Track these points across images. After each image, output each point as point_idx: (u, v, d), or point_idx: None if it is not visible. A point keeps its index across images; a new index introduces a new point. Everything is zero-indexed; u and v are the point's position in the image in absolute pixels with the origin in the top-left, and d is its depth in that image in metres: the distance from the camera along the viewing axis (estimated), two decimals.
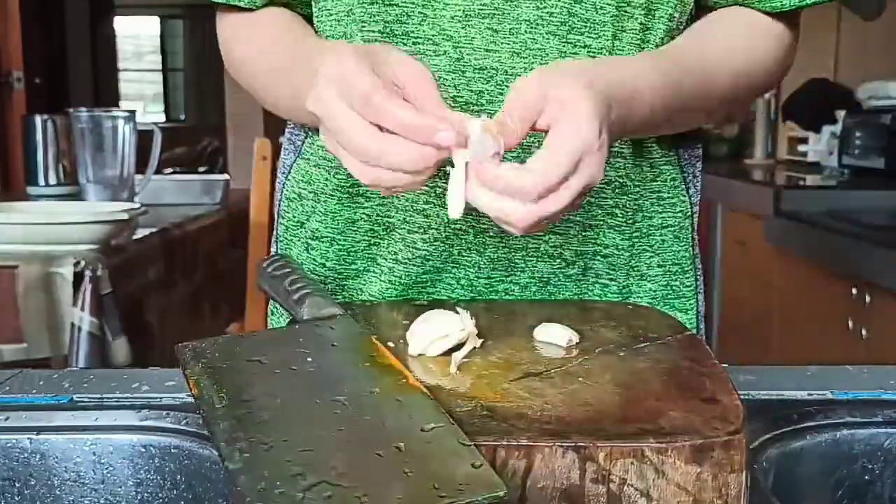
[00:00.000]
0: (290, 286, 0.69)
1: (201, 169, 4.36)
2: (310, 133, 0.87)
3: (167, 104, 8.93)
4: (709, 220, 3.43)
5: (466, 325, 0.62)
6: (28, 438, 0.67)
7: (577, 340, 0.64)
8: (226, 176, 2.77)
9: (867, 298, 2.13)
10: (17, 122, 4.19)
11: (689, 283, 0.87)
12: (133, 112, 2.47)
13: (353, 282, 0.84)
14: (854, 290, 2.18)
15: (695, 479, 0.47)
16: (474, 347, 0.62)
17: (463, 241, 0.79)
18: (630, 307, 0.76)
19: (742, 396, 0.54)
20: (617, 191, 0.81)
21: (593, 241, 0.81)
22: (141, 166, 2.46)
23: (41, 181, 2.61)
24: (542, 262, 0.80)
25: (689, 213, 0.87)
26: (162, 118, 8.56)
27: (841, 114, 3.21)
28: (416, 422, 0.49)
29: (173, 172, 3.30)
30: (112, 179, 2.39)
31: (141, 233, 2.04)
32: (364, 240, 0.82)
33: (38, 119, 2.62)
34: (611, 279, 0.83)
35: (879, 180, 2.83)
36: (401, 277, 0.81)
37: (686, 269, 0.87)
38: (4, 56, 4.56)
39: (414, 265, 0.81)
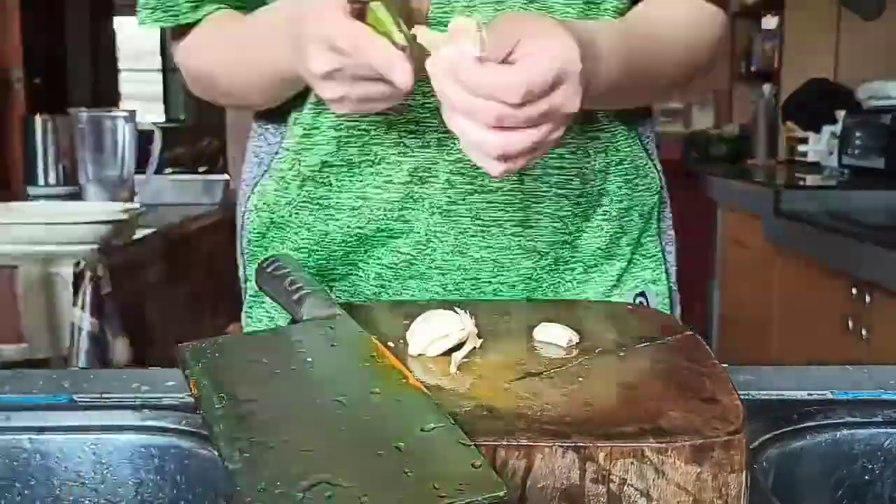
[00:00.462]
0: (290, 286, 0.69)
1: (201, 169, 4.36)
2: (280, 147, 0.85)
3: (167, 104, 8.92)
4: (709, 220, 3.43)
5: (466, 325, 0.62)
6: (28, 438, 0.67)
7: (577, 340, 0.64)
8: (226, 176, 2.78)
9: (867, 298, 2.13)
10: (17, 122, 4.19)
11: (650, 255, 0.89)
12: (133, 112, 2.47)
13: (339, 284, 0.84)
14: (854, 290, 2.18)
15: (695, 479, 0.47)
16: (474, 347, 0.62)
17: (444, 243, 0.80)
18: (630, 307, 0.76)
19: (742, 396, 0.54)
20: (582, 180, 0.82)
21: (562, 231, 0.82)
22: (141, 166, 2.46)
23: (41, 181, 2.61)
24: (524, 258, 0.81)
25: (656, 190, 0.88)
26: (162, 118, 8.55)
27: (841, 114, 3.22)
28: (416, 422, 0.49)
29: (173, 172, 3.29)
30: (112, 179, 2.39)
31: (141, 233, 2.04)
32: (339, 249, 0.83)
33: (38, 119, 2.62)
34: (578, 262, 0.84)
35: (879, 180, 2.83)
36: (390, 281, 0.82)
37: (644, 242, 0.89)
38: (4, 56, 4.56)
39: (401, 269, 0.81)
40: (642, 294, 0.87)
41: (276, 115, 0.86)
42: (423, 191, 0.79)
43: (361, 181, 0.80)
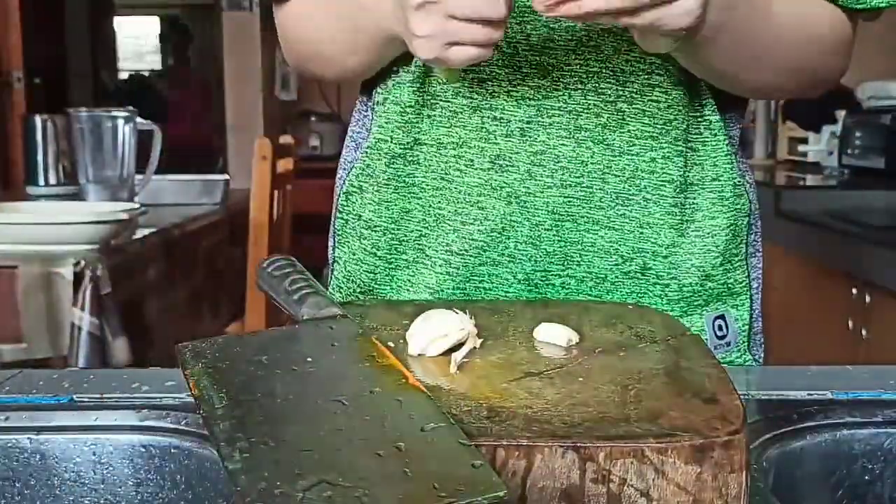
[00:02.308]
0: (290, 286, 0.69)
1: None
2: (372, 125, 0.87)
3: None
4: None
5: (466, 325, 0.62)
6: (28, 438, 0.67)
7: (577, 340, 0.64)
8: (226, 176, 2.78)
9: (867, 298, 2.13)
10: (17, 122, 4.19)
11: (736, 279, 0.86)
12: (133, 112, 2.47)
13: (402, 272, 0.85)
14: (854, 290, 2.18)
15: (695, 479, 0.47)
16: (474, 347, 0.62)
17: (519, 233, 0.80)
18: (630, 307, 0.76)
19: (742, 396, 0.54)
20: (677, 190, 0.80)
21: (651, 240, 0.81)
22: (141, 166, 2.46)
23: (41, 181, 2.61)
24: (597, 258, 0.80)
25: (747, 212, 0.86)
26: None
27: (841, 114, 3.21)
28: (417, 422, 0.49)
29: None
30: (112, 179, 2.40)
31: (141, 233, 2.04)
32: (416, 230, 0.83)
33: (38, 119, 2.63)
34: (672, 279, 0.82)
35: (879, 180, 2.83)
36: (458, 269, 0.82)
37: (735, 265, 0.86)
38: (4, 56, 4.56)
39: (470, 256, 0.81)
40: (722, 317, 0.85)
41: (372, 89, 0.88)
42: (502, 179, 0.79)
43: (445, 162, 0.81)
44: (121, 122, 2.40)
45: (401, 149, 0.83)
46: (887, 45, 3.71)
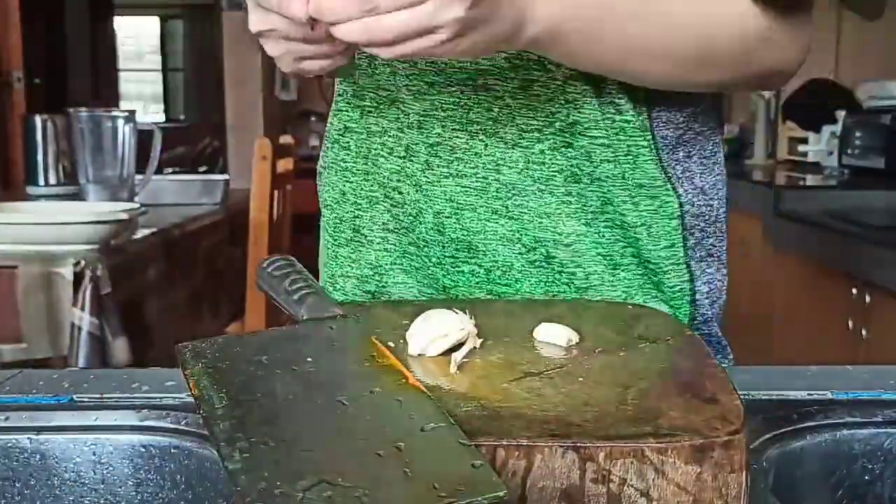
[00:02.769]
0: (290, 286, 0.69)
1: (201, 169, 4.36)
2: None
3: (167, 104, 8.92)
4: None
5: (466, 325, 0.62)
6: (28, 438, 0.67)
7: (577, 340, 0.64)
8: (226, 176, 2.78)
9: (867, 298, 2.13)
10: (17, 122, 4.19)
11: (673, 284, 0.84)
12: (133, 112, 2.48)
13: (344, 249, 0.91)
14: (854, 290, 2.18)
15: (695, 479, 0.47)
16: (474, 347, 0.62)
17: (426, 219, 0.83)
18: (630, 307, 0.76)
19: (742, 396, 0.54)
20: (568, 179, 0.81)
21: (551, 228, 0.81)
22: (141, 166, 2.46)
23: (41, 181, 2.61)
24: (501, 247, 0.82)
25: (677, 215, 0.83)
26: (162, 118, 8.56)
27: (841, 114, 3.22)
28: (417, 422, 0.49)
29: (173, 172, 3.30)
30: (112, 179, 2.40)
31: (141, 233, 2.04)
32: (351, 210, 0.90)
33: (38, 119, 2.63)
34: (577, 266, 0.82)
35: (879, 180, 2.83)
36: (395, 245, 0.87)
37: (666, 268, 0.84)
38: (4, 56, 4.56)
39: (401, 234, 0.86)
40: None
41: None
42: (410, 167, 0.84)
43: (370, 149, 0.87)
44: (121, 122, 2.40)
45: (337, 134, 0.90)
46: (887, 45, 3.71)
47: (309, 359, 0.58)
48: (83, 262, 1.66)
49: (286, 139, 3.11)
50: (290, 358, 0.58)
